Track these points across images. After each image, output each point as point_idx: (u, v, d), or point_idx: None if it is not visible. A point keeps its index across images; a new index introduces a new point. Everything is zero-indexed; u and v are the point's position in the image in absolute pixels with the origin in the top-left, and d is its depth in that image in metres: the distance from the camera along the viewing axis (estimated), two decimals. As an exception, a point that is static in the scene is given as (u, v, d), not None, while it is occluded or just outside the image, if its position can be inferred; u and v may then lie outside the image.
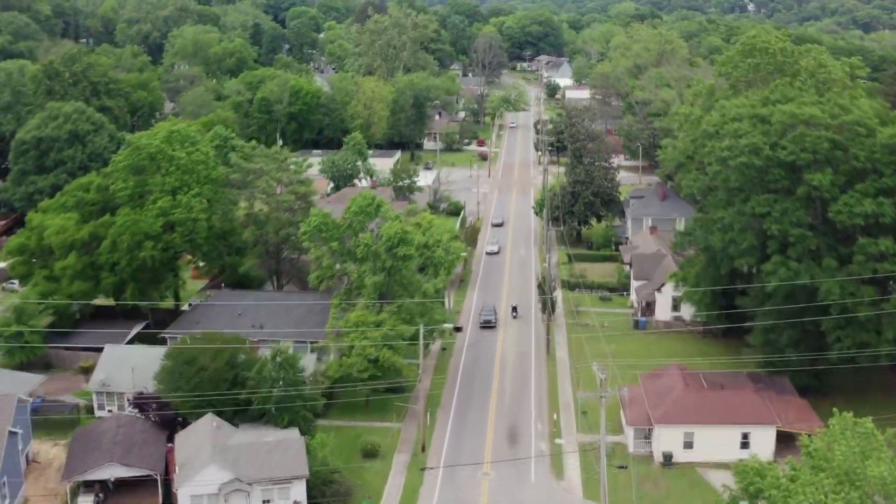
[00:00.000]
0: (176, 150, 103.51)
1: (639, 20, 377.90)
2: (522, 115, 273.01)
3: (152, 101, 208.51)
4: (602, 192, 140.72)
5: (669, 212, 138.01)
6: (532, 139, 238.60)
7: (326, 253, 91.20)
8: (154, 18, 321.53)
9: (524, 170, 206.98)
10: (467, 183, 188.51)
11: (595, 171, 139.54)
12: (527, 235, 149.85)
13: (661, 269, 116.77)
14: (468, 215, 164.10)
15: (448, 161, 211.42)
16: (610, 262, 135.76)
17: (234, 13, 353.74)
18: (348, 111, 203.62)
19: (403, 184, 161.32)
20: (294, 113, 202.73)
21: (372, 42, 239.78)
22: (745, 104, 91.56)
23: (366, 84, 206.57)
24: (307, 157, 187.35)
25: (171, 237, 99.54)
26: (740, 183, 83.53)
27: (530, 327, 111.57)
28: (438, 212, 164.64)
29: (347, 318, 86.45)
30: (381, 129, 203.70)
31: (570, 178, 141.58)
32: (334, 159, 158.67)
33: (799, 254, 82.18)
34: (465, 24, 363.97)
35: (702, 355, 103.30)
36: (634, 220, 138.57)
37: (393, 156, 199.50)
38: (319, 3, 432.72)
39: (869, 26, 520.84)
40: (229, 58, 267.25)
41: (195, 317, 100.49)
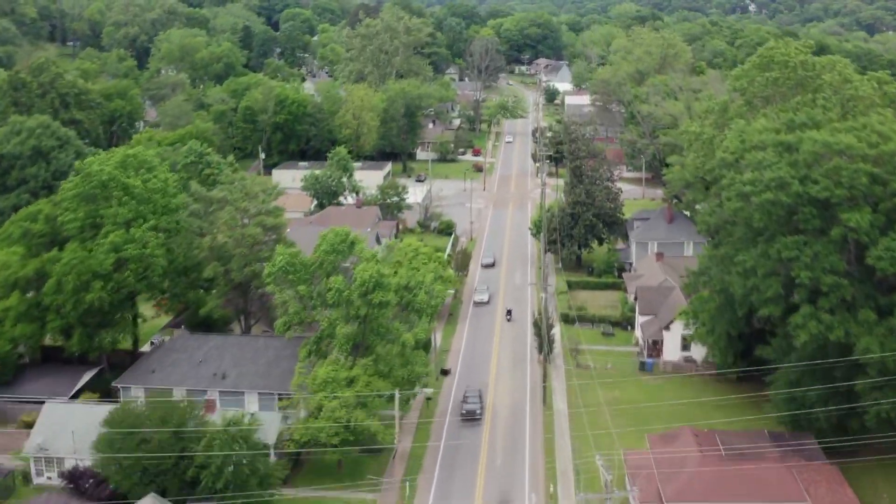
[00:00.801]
0: (131, 178, 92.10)
1: (640, 22, 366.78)
2: (520, 122, 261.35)
3: (131, 110, 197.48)
4: (604, 213, 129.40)
5: (677, 235, 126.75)
6: (530, 148, 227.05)
7: (293, 297, 79.84)
8: (141, 21, 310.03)
9: (521, 181, 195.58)
10: (461, 197, 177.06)
11: (596, 192, 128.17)
12: (523, 260, 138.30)
13: (669, 304, 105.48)
14: (461, 234, 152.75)
15: (441, 173, 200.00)
16: (612, 291, 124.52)
17: (224, 16, 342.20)
18: (336, 121, 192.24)
19: (391, 201, 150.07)
20: (279, 123, 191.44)
21: (363, 47, 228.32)
22: (767, 128, 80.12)
23: (355, 92, 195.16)
24: (291, 169, 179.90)
25: (124, 276, 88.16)
26: (765, 222, 72.10)
27: (525, 371, 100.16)
28: (429, 230, 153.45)
29: (315, 375, 75.14)
30: (370, 139, 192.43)
31: (569, 198, 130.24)
32: (317, 175, 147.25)
33: (832, 305, 70.83)
34: (462, 26, 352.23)
35: (716, 406, 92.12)
36: (639, 243, 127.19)
37: (383, 168, 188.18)
38: (314, 5, 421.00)
39: (873, 28, 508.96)
40: (216, 63, 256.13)
41: (150, 364, 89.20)
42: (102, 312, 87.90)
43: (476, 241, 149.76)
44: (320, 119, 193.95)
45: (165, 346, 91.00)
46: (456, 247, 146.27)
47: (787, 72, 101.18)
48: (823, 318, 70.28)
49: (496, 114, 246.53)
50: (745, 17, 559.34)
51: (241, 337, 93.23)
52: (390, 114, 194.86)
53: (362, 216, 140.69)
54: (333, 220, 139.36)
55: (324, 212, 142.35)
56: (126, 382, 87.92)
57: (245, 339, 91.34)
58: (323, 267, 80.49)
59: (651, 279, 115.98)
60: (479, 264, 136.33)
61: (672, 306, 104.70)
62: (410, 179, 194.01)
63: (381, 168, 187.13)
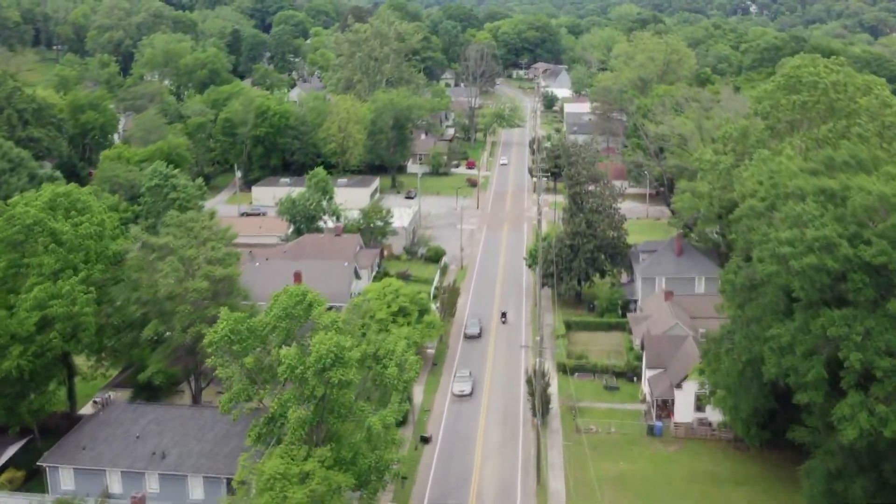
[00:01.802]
0: (59, 222, 78.34)
1: (641, 25, 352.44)
2: (517, 130, 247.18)
3: (104, 122, 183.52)
4: (606, 245, 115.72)
5: (687, 270, 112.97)
6: (527, 161, 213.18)
7: (239, 371, 66.07)
8: (126, 25, 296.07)
9: (517, 198, 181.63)
10: (452, 217, 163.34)
11: (598, 221, 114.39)
12: (518, 295, 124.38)
13: (681, 357, 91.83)
14: (451, 262, 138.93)
15: (433, 188, 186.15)
16: (616, 332, 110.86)
17: (213, 19, 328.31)
18: (321, 134, 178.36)
19: (375, 226, 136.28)
20: (260, 136, 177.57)
21: (351, 54, 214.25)
22: (802, 169, 66.22)
23: (340, 103, 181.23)
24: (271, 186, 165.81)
25: (49, 337, 74.47)
26: (807, 292, 58.30)
27: (517, 439, 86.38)
28: (416, 258, 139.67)
29: (261, 470, 61.44)
30: (357, 153, 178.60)
31: (568, 227, 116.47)
32: (294, 198, 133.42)
33: (888, 393, 57.15)
34: (458, 29, 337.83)
35: (736, 482, 78.70)
36: (645, 279, 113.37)
37: (370, 184, 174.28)
38: (308, 7, 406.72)
39: (876, 30, 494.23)
40: (201, 69, 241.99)
41: (81, 439, 75.52)
42: (23, 381, 74.23)
43: (467, 269, 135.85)
44: (304, 132, 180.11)
45: (99, 419, 77.28)
46: (445, 276, 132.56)
47: (817, 94, 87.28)
48: (878, 411, 56.61)
49: (492, 123, 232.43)
50: (747, 18, 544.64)
51: (185, 409, 79.33)
52: (378, 126, 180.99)
53: (342, 245, 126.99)
54: (310, 250, 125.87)
55: (300, 240, 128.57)
56: (54, 461, 74.31)
57: (189, 412, 77.47)
58: (275, 334, 66.73)
59: (659, 323, 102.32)
60: (471, 284, 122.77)
61: (684, 360, 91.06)
62: (399, 196, 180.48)
63: (368, 185, 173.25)
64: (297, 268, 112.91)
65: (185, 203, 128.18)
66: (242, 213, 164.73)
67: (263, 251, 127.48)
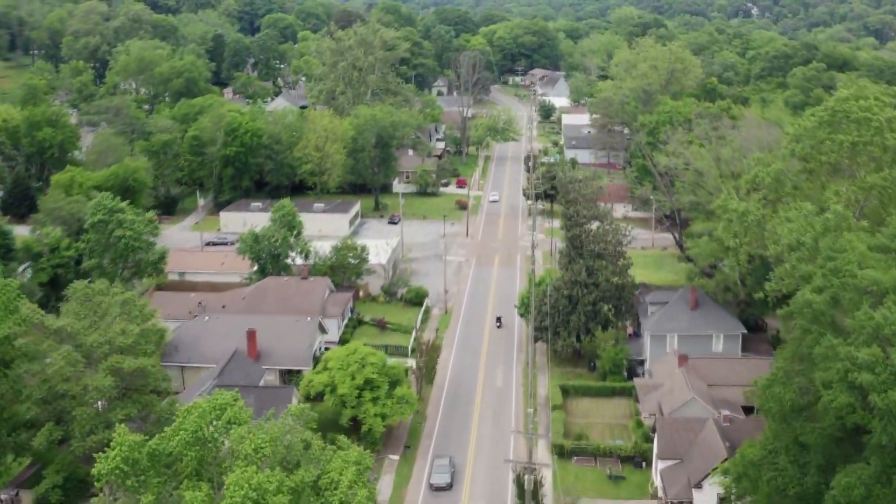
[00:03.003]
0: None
1: (642, 30, 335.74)
2: (512, 143, 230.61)
3: (63, 139, 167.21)
4: (610, 295, 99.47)
5: (703, 326, 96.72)
6: (522, 179, 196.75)
7: (134, 514, 49.94)
8: (103, 30, 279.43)
9: (511, 223, 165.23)
10: (438, 245, 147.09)
11: (601, 268, 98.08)
12: (508, 349, 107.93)
13: (701, 447, 75.67)
14: (434, 304, 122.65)
15: (420, 210, 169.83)
16: (621, 399, 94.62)
17: (196, 23, 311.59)
18: (296, 153, 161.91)
19: (349, 264, 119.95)
20: (230, 156, 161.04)
21: (334, 63, 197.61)
22: (873, 248, 49.96)
23: (318, 120, 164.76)
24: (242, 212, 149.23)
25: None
26: (889, 436, 41.99)
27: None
28: (396, 299, 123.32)
29: None
30: (336, 174, 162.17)
31: (566, 274, 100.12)
32: (257, 234, 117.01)
33: None
34: (452, 34, 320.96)
35: None
36: (655, 336, 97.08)
37: (349, 209, 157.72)
38: (298, 10, 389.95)
39: (881, 33, 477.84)
40: (177, 78, 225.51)
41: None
42: None
43: (451, 313, 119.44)
44: (278, 151, 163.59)
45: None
46: (427, 323, 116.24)
47: (869, 134, 70.96)
48: None
49: (485, 136, 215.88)
50: (749, 21, 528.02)
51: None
52: (360, 144, 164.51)
53: (308, 290, 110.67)
54: (272, 297, 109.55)
55: (261, 284, 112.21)
56: None
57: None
58: (182, 464, 50.55)
59: (672, 395, 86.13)
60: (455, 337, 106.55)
61: (705, 450, 74.91)
62: (383, 220, 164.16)
63: (347, 210, 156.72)
64: (251, 324, 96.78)
65: (133, 242, 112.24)
66: (208, 242, 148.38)
67: (218, 299, 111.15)
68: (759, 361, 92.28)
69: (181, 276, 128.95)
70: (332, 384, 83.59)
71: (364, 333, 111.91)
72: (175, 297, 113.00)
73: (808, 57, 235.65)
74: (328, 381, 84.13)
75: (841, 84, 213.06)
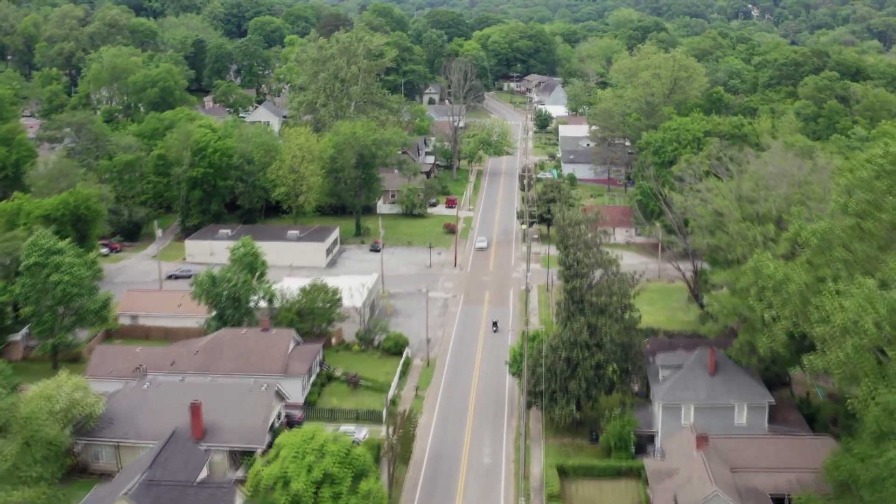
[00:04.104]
0: None
1: (642, 33, 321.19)
2: (506, 157, 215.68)
3: (18, 157, 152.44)
4: (615, 357, 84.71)
5: (724, 395, 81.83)
6: (516, 199, 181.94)
7: None
8: (79, 36, 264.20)
9: (503, 251, 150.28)
10: (423, 278, 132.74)
11: (606, 327, 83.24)
12: (498, 414, 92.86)
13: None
14: (416, 353, 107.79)
15: (405, 235, 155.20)
16: (628, 480, 79.90)
17: (179, 27, 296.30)
18: (269, 175, 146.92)
19: (319, 309, 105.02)
20: (197, 178, 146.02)
21: (314, 73, 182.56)
22: None
23: (293, 139, 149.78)
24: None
25: None
26: None
27: None
28: (372, 347, 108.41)
29: None
30: (312, 198, 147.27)
31: (565, 332, 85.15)
32: (214, 277, 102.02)
33: None
34: (444, 39, 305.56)
35: None
36: (668, 407, 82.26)
37: (327, 236, 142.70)
38: (286, 13, 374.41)
39: (885, 36, 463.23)
40: (151, 87, 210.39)
41: None
42: None
43: (435, 366, 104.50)
44: (249, 172, 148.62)
45: None
46: (406, 377, 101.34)
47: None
48: None
49: (477, 150, 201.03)
50: (750, 23, 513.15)
51: None
52: (339, 164, 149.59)
53: (269, 345, 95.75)
54: (227, 353, 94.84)
55: (215, 338, 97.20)
56: None
57: None
58: None
59: (691, 487, 71.43)
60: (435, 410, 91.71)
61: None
62: (364, 247, 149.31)
63: (325, 237, 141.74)
64: (197, 392, 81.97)
65: (71, 289, 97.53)
66: (170, 275, 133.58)
67: (166, 355, 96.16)
68: (791, 441, 77.85)
69: (134, 320, 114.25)
70: (285, 477, 68.78)
71: (334, 392, 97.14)
72: (119, 353, 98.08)
73: (819, 64, 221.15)
74: (280, 472, 69.17)
75: (859, 91, 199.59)
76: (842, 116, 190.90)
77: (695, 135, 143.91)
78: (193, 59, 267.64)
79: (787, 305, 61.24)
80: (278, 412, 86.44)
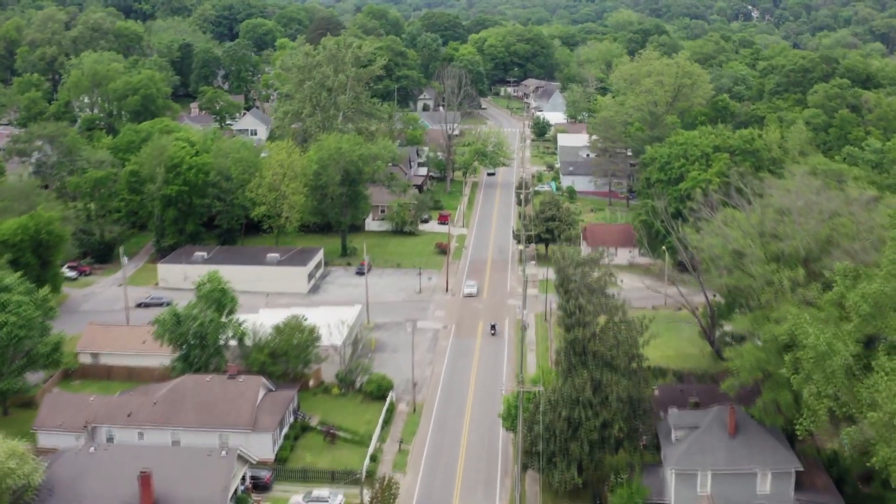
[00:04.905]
0: None
1: (642, 37, 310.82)
2: (503, 167, 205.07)
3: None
4: (622, 416, 74.41)
5: (745, 460, 71.49)
6: (513, 215, 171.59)
7: None
8: (61, 40, 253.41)
9: (499, 274, 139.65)
10: (412, 307, 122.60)
11: (612, 383, 72.93)
12: (489, 481, 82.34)
13: None
14: (400, 397, 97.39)
15: (393, 255, 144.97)
16: (638, 561, 69.75)
17: (165, 31, 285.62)
18: (248, 193, 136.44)
19: (294, 349, 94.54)
20: (172, 196, 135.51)
21: (300, 82, 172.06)
22: None
23: (274, 154, 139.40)
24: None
25: None
26: None
27: None
28: (354, 390, 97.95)
29: None
30: (294, 218, 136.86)
31: (565, 387, 74.78)
32: (178, 315, 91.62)
33: None
34: (439, 43, 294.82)
35: None
36: (681, 474, 71.95)
37: (309, 259, 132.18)
38: (278, 15, 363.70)
39: (888, 38, 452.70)
40: (132, 94, 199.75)
41: None
42: None
43: (422, 413, 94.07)
44: (227, 190, 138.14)
45: None
46: (389, 428, 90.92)
47: None
48: None
49: (472, 161, 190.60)
50: (750, 25, 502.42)
51: None
52: (323, 180, 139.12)
53: (236, 393, 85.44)
54: (189, 403, 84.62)
55: (176, 386, 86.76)
56: None
57: None
58: None
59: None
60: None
61: None
62: (350, 270, 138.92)
63: (307, 261, 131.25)
64: (148, 459, 71.54)
65: (18, 331, 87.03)
66: (140, 303, 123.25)
67: (122, 405, 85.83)
68: (824, 517, 67.75)
69: (95, 359, 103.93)
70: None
71: (309, 446, 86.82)
72: (72, 402, 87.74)
73: (828, 71, 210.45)
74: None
75: (872, 99, 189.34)
76: (854, 127, 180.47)
77: (703, 150, 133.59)
78: (180, 63, 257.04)
79: (830, 382, 51.14)
80: (242, 476, 76.19)
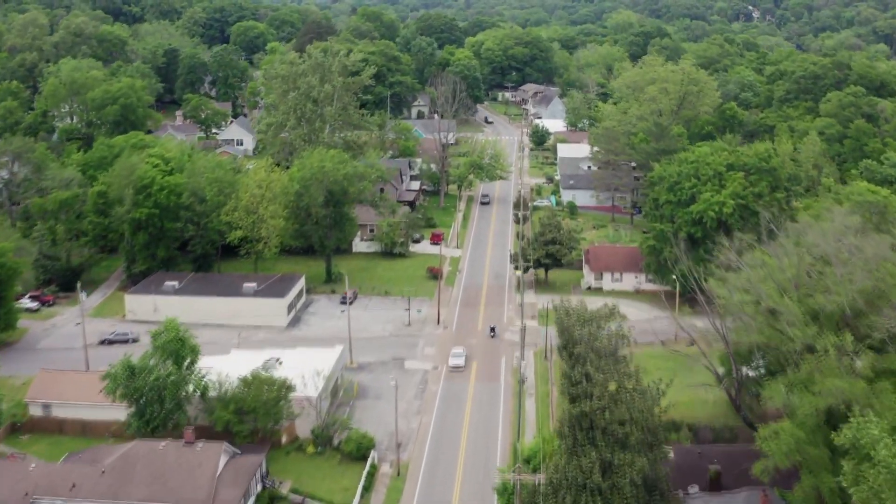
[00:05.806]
0: None
1: (643, 39, 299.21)
2: (500, 181, 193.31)
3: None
4: (637, 500, 62.99)
5: (783, 558, 60.36)
6: (510, 235, 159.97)
7: None
8: (42, 45, 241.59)
9: (495, 302, 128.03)
10: (399, 343, 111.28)
11: (624, 464, 61.50)
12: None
13: None
14: (384, 456, 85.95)
15: (381, 281, 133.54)
16: None
17: (152, 35, 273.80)
18: (223, 217, 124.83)
19: (262, 406, 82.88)
20: (142, 219, 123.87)
21: (284, 92, 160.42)
22: None
23: (252, 175, 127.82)
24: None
25: None
26: None
27: None
28: (331, 448, 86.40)
29: None
30: (273, 243, 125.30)
31: (570, 466, 63.33)
32: (133, 367, 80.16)
33: None
34: (435, 47, 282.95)
35: None
36: (707, 573, 60.69)
37: (289, 289, 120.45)
38: (270, 18, 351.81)
39: (891, 39, 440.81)
40: (112, 104, 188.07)
41: None
42: None
43: (407, 477, 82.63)
44: (202, 213, 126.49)
45: None
46: (369, 496, 79.40)
47: None
48: None
49: (467, 174, 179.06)
50: (751, 25, 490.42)
51: None
52: (305, 201, 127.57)
53: (193, 464, 73.92)
54: (140, 475, 73.47)
55: (127, 454, 75.23)
56: None
57: None
58: None
59: None
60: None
61: None
62: (334, 299, 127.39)
63: (286, 291, 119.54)
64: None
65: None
66: (103, 339, 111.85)
67: (66, 475, 74.35)
68: None
69: (46, 410, 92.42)
70: None
71: (277, 521, 75.50)
72: (9, 470, 76.24)
73: (841, 77, 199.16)
74: None
75: (888, 108, 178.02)
76: (870, 138, 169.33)
77: (715, 168, 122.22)
78: (165, 69, 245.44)
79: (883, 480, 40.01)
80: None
